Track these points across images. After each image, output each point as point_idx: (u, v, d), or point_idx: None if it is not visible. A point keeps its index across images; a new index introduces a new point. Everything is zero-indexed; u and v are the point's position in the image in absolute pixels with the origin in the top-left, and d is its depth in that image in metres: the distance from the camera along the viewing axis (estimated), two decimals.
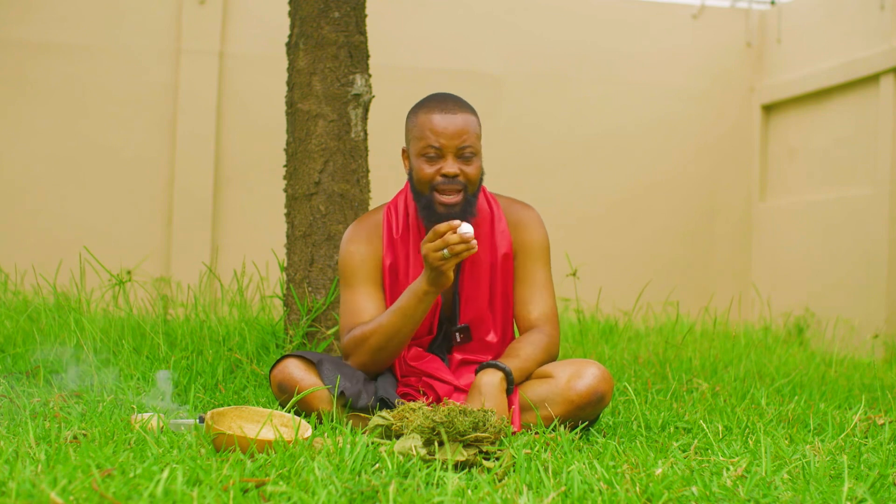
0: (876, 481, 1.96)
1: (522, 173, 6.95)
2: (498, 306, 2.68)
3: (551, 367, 2.56)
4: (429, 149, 2.53)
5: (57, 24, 6.35)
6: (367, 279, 2.65)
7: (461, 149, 2.53)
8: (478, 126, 2.58)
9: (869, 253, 6.15)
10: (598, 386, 2.48)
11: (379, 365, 2.59)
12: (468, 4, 7.03)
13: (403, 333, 2.53)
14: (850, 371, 4.18)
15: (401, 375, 2.66)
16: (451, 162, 2.52)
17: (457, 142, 2.52)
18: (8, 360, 3.18)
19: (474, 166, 2.55)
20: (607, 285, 5.41)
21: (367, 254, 2.66)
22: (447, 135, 2.52)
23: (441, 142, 2.52)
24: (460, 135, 2.52)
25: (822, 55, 6.77)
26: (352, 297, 2.64)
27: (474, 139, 2.55)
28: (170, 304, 4.31)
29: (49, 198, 6.29)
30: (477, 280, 2.65)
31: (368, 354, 2.56)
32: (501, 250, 2.67)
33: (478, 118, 2.60)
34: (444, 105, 2.55)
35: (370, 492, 1.73)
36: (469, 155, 2.54)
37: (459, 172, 2.52)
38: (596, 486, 1.86)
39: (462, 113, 2.55)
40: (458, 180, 2.52)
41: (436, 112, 2.54)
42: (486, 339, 2.67)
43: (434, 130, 2.52)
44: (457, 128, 2.52)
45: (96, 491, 1.63)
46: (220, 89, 6.54)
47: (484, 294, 2.65)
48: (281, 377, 2.53)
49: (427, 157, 2.54)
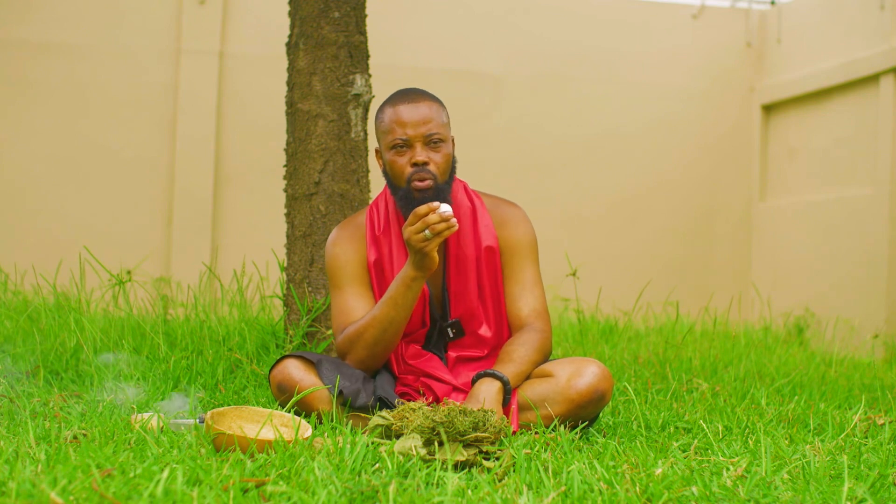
0: (876, 481, 1.96)
1: (522, 173, 6.95)
2: (488, 300, 2.68)
3: (551, 366, 2.56)
4: (397, 140, 2.56)
5: (57, 24, 6.35)
6: (354, 279, 2.67)
7: (428, 136, 2.56)
8: (443, 113, 2.61)
9: (869, 253, 6.15)
10: (599, 384, 2.48)
11: (377, 359, 2.60)
12: (468, 4, 7.03)
13: (397, 323, 2.54)
14: (850, 371, 4.17)
15: (398, 373, 2.66)
16: (420, 150, 2.55)
17: (423, 129, 2.56)
18: (8, 360, 3.18)
19: (442, 153, 2.58)
20: (607, 285, 5.41)
21: (351, 254, 2.69)
22: (412, 124, 2.55)
23: (408, 132, 2.55)
24: (425, 122, 2.56)
25: (822, 55, 6.77)
26: (341, 299, 2.67)
27: (439, 126, 2.58)
28: (170, 304, 4.31)
29: (49, 198, 6.29)
30: (464, 274, 2.66)
31: (365, 349, 2.57)
32: (486, 243, 2.68)
33: (443, 106, 2.63)
34: (407, 96, 2.60)
35: (370, 492, 1.73)
36: (437, 141, 2.57)
37: (429, 160, 2.55)
38: (596, 486, 1.86)
39: (425, 102, 2.59)
40: (428, 169, 2.55)
41: (399, 104, 2.58)
42: (480, 333, 2.67)
43: (400, 122, 2.56)
44: (421, 116, 2.56)
45: (96, 491, 1.63)
46: (220, 89, 6.54)
47: (472, 288, 2.66)
48: (280, 378, 2.54)
49: (397, 149, 2.57)
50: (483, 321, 2.68)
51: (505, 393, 2.48)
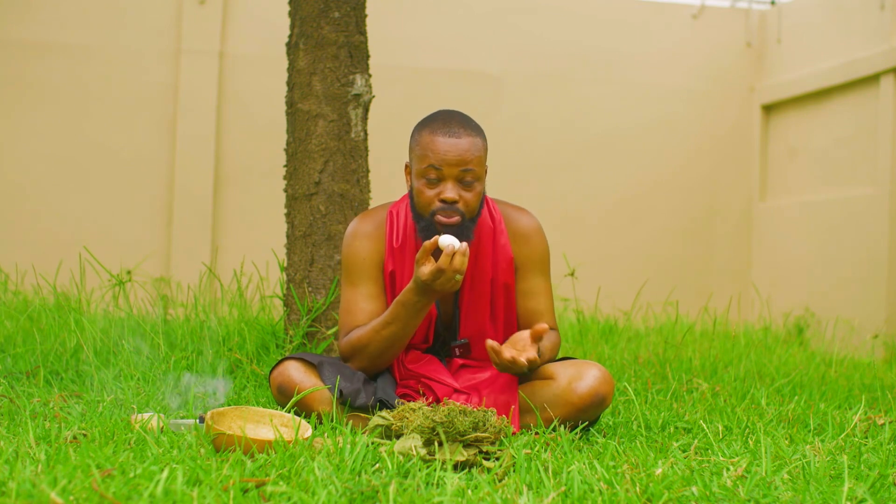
0: (876, 481, 1.96)
1: (522, 173, 6.95)
2: (500, 318, 2.68)
3: (552, 368, 2.56)
4: (430, 170, 2.48)
5: (57, 24, 6.35)
6: (370, 278, 2.64)
7: (463, 173, 2.48)
8: (483, 149, 2.52)
9: (869, 253, 6.15)
10: (600, 388, 2.48)
11: (379, 368, 2.61)
12: (468, 4, 7.03)
13: (402, 339, 2.54)
14: (850, 371, 4.17)
15: (400, 378, 2.66)
16: (452, 187, 2.48)
17: (459, 168, 2.47)
18: (8, 360, 3.18)
19: (474, 192, 2.50)
20: (607, 285, 5.41)
21: (370, 252, 2.65)
22: (449, 160, 2.46)
23: (442, 167, 2.47)
24: (463, 160, 2.47)
25: (822, 55, 6.76)
26: (352, 297, 2.64)
27: (477, 164, 2.49)
28: (170, 304, 4.30)
29: (49, 198, 6.29)
30: (478, 294, 2.64)
31: (368, 360, 2.57)
32: (502, 265, 2.66)
33: (484, 139, 2.54)
34: (448, 127, 2.49)
35: (370, 492, 1.73)
36: (470, 181, 2.49)
37: (459, 199, 2.48)
38: (596, 486, 1.86)
39: (467, 136, 2.49)
40: (457, 207, 2.48)
41: (440, 134, 2.48)
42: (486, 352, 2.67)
43: (436, 153, 2.47)
44: (460, 153, 2.47)
45: (96, 491, 1.63)
46: (220, 89, 6.54)
47: (485, 308, 2.65)
48: (281, 379, 2.53)
49: (427, 180, 2.49)
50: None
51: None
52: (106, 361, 3.16)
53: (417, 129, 2.56)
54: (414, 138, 2.55)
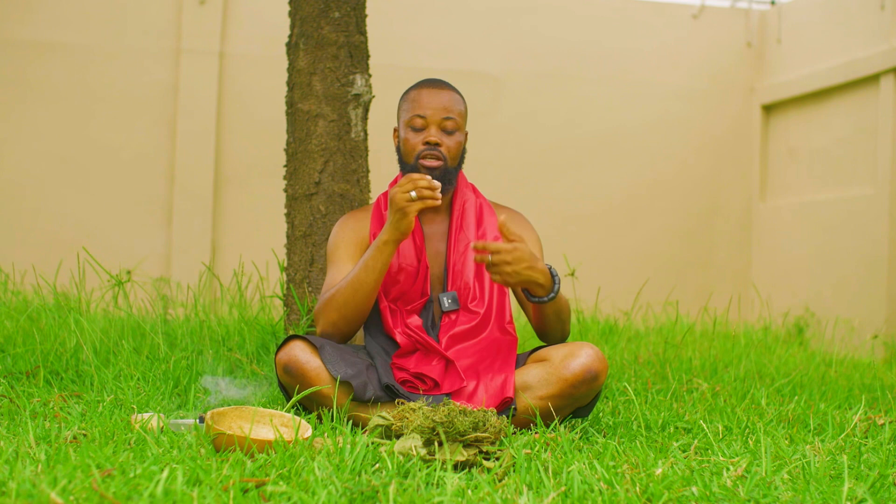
0: (876, 481, 1.96)
1: (523, 173, 6.95)
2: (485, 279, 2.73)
3: (547, 351, 2.61)
4: (415, 118, 2.70)
5: (57, 24, 6.35)
6: (349, 258, 2.74)
7: (444, 120, 2.70)
8: (463, 106, 2.76)
9: (869, 253, 6.15)
10: (592, 364, 2.51)
11: (348, 322, 2.63)
12: (468, 4, 7.03)
13: (367, 285, 2.59)
14: (850, 371, 4.17)
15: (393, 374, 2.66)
16: (435, 131, 2.69)
17: (441, 114, 2.70)
18: (8, 360, 3.18)
19: (455, 139, 2.72)
20: (607, 285, 5.41)
21: (351, 235, 2.77)
22: (432, 106, 2.70)
23: (427, 112, 2.70)
24: (445, 108, 2.71)
25: (822, 55, 6.76)
26: (331, 274, 2.73)
27: (458, 115, 2.72)
28: (170, 304, 4.31)
29: (49, 198, 6.29)
30: (463, 254, 2.73)
31: (335, 311, 2.61)
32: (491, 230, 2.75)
33: (464, 101, 2.78)
34: (432, 83, 2.76)
35: (370, 492, 1.73)
36: (452, 129, 2.71)
37: (441, 142, 2.69)
38: (596, 486, 1.86)
39: (448, 91, 2.75)
40: (440, 150, 2.69)
41: (424, 88, 2.74)
42: (471, 308, 2.70)
43: (420, 103, 2.71)
44: (442, 102, 2.71)
45: (96, 491, 1.63)
46: (220, 89, 6.54)
47: (470, 264, 2.73)
48: (287, 359, 2.55)
49: (413, 128, 2.71)
50: (476, 297, 2.72)
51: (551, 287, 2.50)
52: (106, 361, 3.16)
53: (405, 92, 2.79)
54: (402, 99, 2.78)
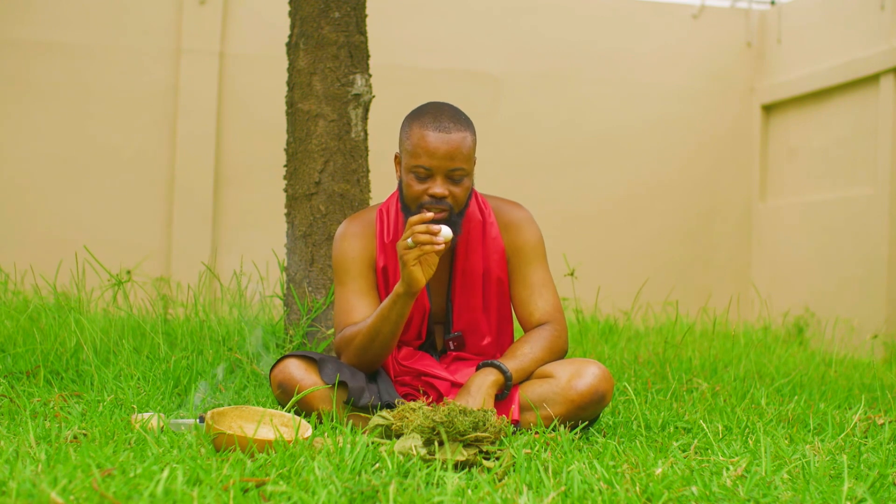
0: (876, 481, 1.96)
1: (522, 173, 6.95)
2: (492, 311, 2.68)
3: (552, 367, 2.56)
4: (419, 168, 2.49)
5: (57, 24, 6.35)
6: (360, 276, 2.65)
7: (452, 171, 2.49)
8: (472, 143, 2.53)
9: (869, 253, 6.15)
10: (599, 385, 2.48)
11: (369, 364, 2.58)
12: (468, 4, 7.03)
13: (385, 335, 2.51)
14: (850, 371, 4.17)
15: (394, 376, 2.66)
16: (441, 183, 2.49)
17: (448, 164, 2.48)
18: (8, 360, 3.18)
19: (463, 187, 2.52)
20: (607, 285, 5.41)
21: (359, 251, 2.66)
22: (439, 156, 2.47)
23: (432, 163, 2.48)
24: (452, 156, 2.48)
25: (822, 55, 6.76)
26: (343, 296, 2.65)
27: (466, 160, 2.50)
28: (170, 304, 4.30)
29: (49, 198, 6.29)
30: (469, 288, 2.65)
31: (355, 355, 2.56)
32: (493, 257, 2.66)
33: (473, 133, 2.55)
34: (438, 122, 2.50)
35: (370, 492, 1.73)
36: (459, 177, 2.51)
37: (448, 194, 2.50)
38: (596, 486, 1.86)
39: (457, 132, 2.50)
40: (446, 201, 2.50)
41: (430, 129, 2.49)
42: (481, 344, 2.68)
43: (426, 150, 2.48)
44: (449, 149, 2.48)
45: (96, 491, 1.63)
46: (220, 89, 6.54)
47: (477, 301, 2.65)
48: (281, 377, 2.53)
49: (417, 176, 2.51)
50: (486, 333, 2.68)
51: (504, 387, 2.48)
52: (106, 361, 3.16)
53: (408, 121, 2.56)
54: (404, 131, 2.56)
